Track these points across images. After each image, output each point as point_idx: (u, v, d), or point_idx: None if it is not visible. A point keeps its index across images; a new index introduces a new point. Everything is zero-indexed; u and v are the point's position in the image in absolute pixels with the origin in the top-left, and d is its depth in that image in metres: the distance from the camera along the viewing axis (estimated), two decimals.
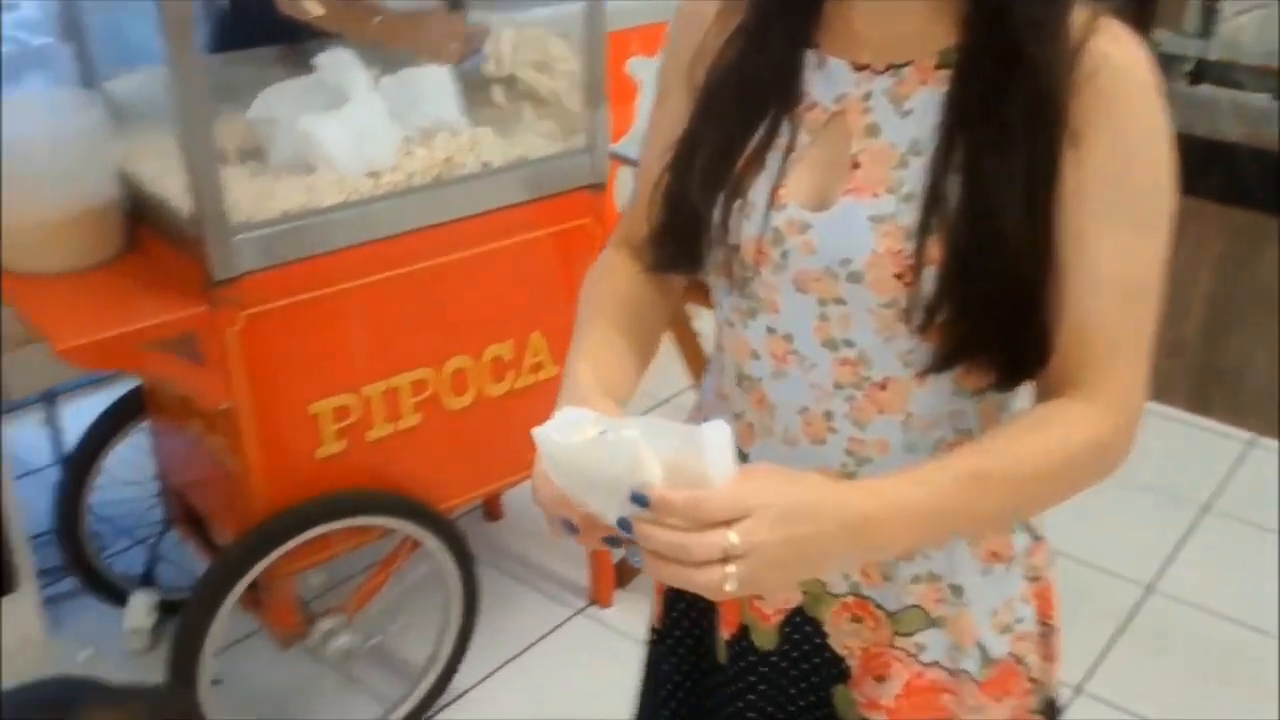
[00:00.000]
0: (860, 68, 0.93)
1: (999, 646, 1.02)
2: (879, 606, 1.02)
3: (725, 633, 1.10)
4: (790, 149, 0.95)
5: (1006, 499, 0.89)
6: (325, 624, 1.97)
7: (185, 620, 1.85)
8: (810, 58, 0.96)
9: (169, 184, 1.77)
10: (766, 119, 0.96)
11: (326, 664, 2.03)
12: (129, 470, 2.33)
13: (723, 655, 1.10)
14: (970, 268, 0.87)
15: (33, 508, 2.27)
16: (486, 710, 2.16)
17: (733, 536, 0.76)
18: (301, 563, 1.90)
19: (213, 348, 1.71)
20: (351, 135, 1.80)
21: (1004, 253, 0.86)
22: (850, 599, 1.03)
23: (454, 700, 2.16)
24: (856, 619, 1.04)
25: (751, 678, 1.08)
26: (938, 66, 0.91)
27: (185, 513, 2.20)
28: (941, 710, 1.02)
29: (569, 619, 2.39)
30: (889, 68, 0.92)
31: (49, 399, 2.49)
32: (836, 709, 1.06)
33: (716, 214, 0.96)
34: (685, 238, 0.99)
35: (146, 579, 2.28)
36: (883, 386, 0.95)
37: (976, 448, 0.90)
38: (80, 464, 2.21)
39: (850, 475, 0.98)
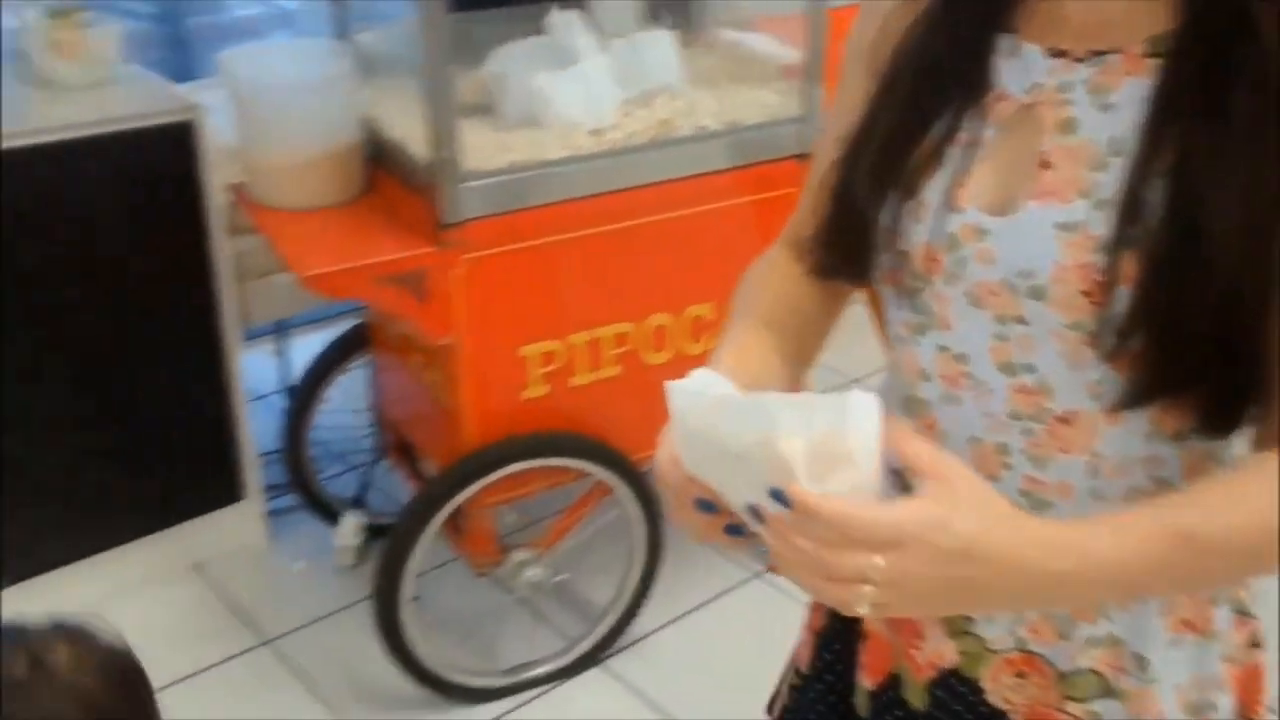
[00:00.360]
0: (1057, 54, 0.83)
1: None
2: (1049, 664, 0.91)
3: (870, 682, 0.99)
4: (973, 144, 0.85)
5: (1216, 567, 0.76)
6: (518, 556, 2.08)
7: (392, 541, 1.99)
8: (1002, 42, 0.85)
9: (407, 131, 1.90)
10: (948, 111, 0.86)
11: (515, 596, 2.15)
12: (347, 401, 2.51)
13: (864, 708, 1.00)
14: (1171, 289, 0.75)
15: (261, 430, 2.48)
16: (660, 657, 2.24)
17: (879, 561, 0.67)
18: (500, 496, 2.02)
19: (437, 286, 1.83)
20: (578, 94, 1.89)
21: (1214, 273, 0.74)
22: (1015, 654, 0.92)
23: (630, 645, 2.25)
24: (1021, 675, 0.92)
25: None
26: (1147, 55, 0.79)
27: (397, 443, 2.36)
28: None
29: (745, 581, 2.44)
30: (1091, 55, 0.81)
31: (280, 331, 2.69)
32: None
33: (885, 215, 0.87)
34: (851, 240, 0.90)
35: (357, 502, 2.45)
36: (1066, 421, 0.83)
37: (1186, 501, 0.76)
38: (305, 392, 2.39)
39: None
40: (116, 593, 2.26)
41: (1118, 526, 0.73)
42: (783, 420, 0.67)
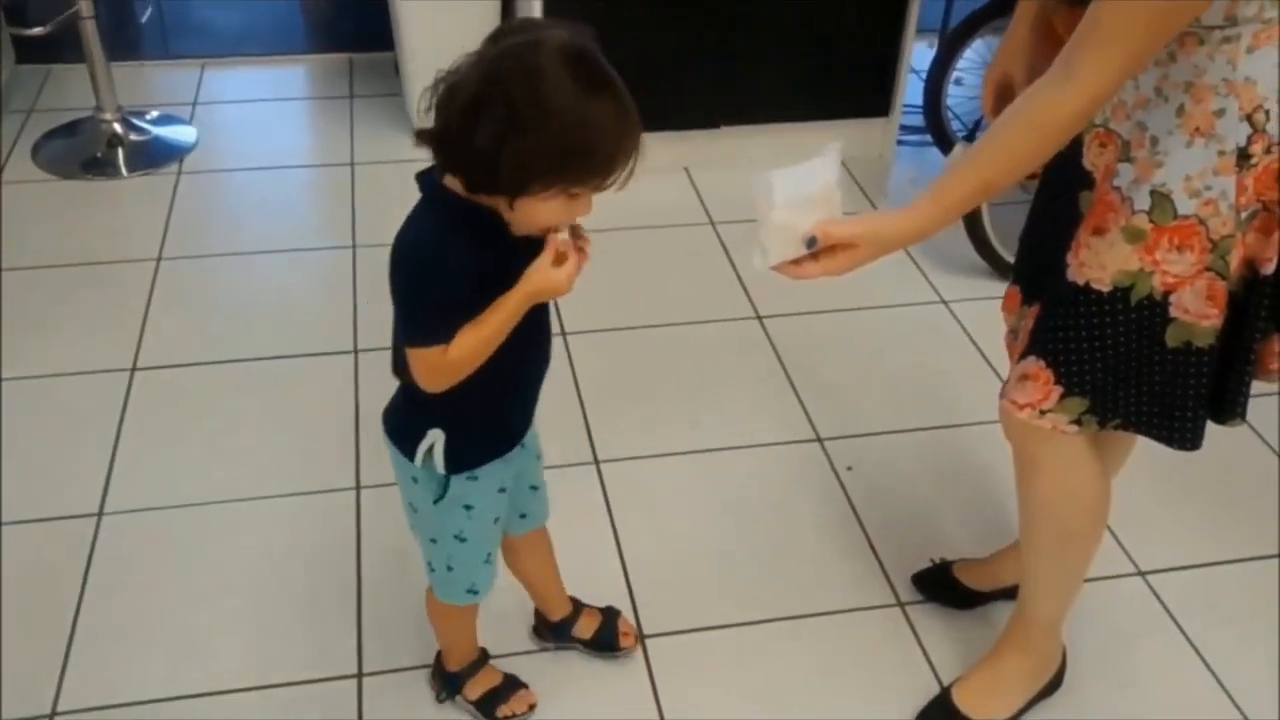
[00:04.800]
0: None
1: (1185, 206, 1.30)
2: (1118, 136, 1.35)
3: None
4: None
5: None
6: None
7: None
8: None
9: None
10: None
11: None
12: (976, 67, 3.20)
13: None
14: None
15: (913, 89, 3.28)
16: None
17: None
18: None
19: None
20: None
21: None
22: (1101, 130, 1.37)
23: None
24: (1102, 145, 1.39)
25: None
26: None
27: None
28: (1105, 221, 1.36)
29: None
30: None
31: (941, 32, 3.43)
32: (1079, 207, 1.43)
33: None
34: None
35: (969, 138, 3.17)
36: None
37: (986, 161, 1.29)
38: (948, 46, 3.09)
39: None
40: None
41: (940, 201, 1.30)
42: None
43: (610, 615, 1.87)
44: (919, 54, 3.40)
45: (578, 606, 1.86)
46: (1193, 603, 1.99)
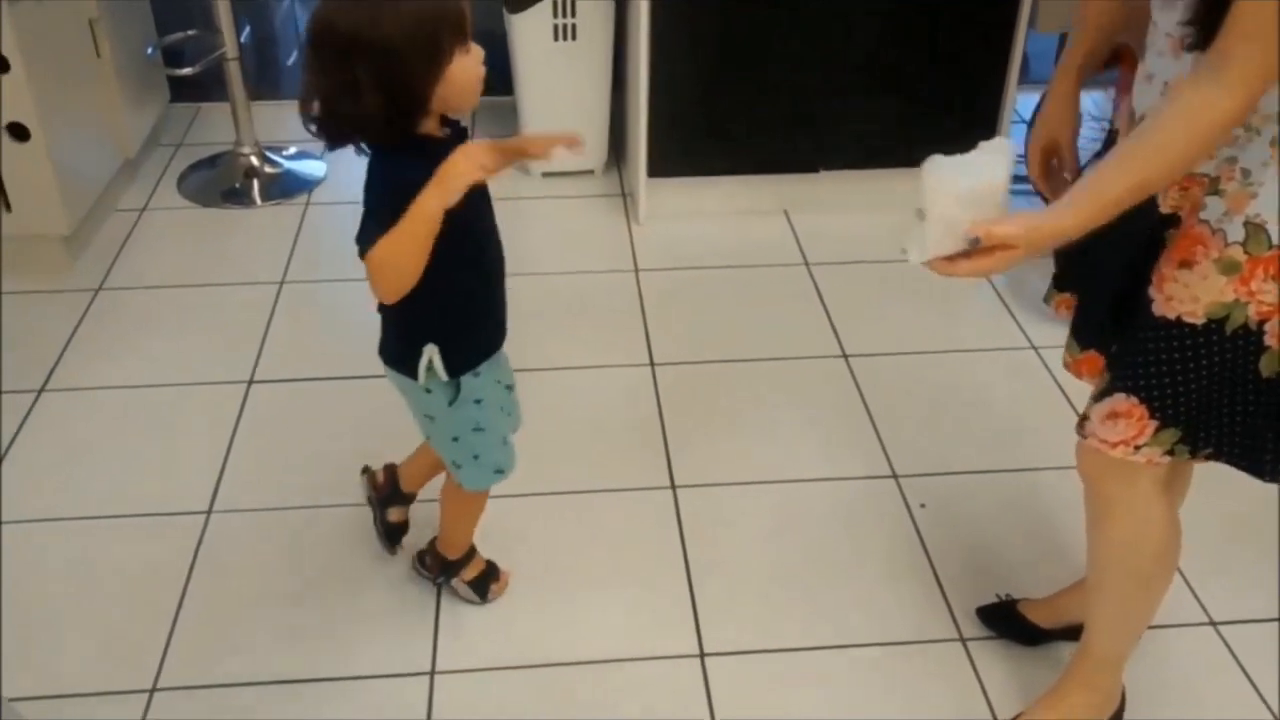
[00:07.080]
0: None
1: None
2: (1204, 175, 1.35)
3: None
4: None
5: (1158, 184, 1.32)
6: None
7: None
8: None
9: None
10: None
11: None
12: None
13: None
14: None
15: (1016, 138, 3.28)
16: None
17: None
18: None
19: None
20: None
21: None
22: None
23: None
24: (1183, 189, 1.39)
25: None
26: None
27: None
28: (1193, 255, 1.37)
29: None
30: None
31: None
32: (1156, 246, 1.43)
33: None
34: None
35: None
36: None
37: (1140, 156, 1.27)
38: None
39: None
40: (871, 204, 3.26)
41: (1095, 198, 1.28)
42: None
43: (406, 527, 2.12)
44: (1024, 102, 3.42)
45: (412, 499, 2.11)
46: (1267, 657, 1.95)
